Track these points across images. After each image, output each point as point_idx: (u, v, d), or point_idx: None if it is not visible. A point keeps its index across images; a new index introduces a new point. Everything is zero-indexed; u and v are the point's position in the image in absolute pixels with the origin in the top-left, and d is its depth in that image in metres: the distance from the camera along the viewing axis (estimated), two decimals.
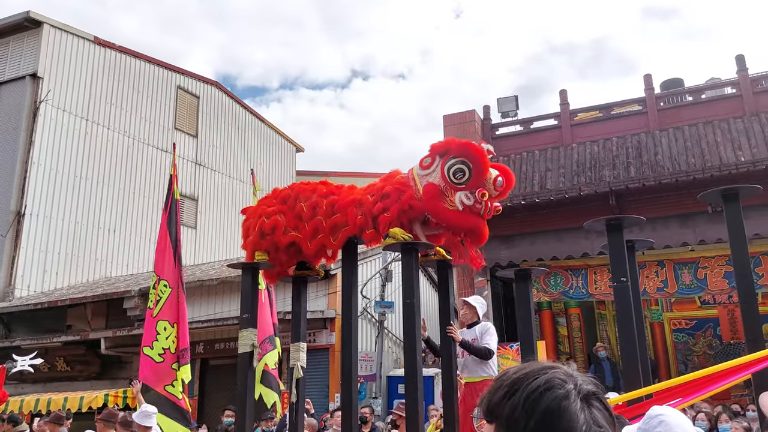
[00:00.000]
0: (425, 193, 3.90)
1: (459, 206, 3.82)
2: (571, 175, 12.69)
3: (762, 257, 11.00)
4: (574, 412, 0.92)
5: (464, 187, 3.83)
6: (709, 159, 11.71)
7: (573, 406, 0.93)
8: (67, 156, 18.63)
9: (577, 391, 0.96)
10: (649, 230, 10.17)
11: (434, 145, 4.06)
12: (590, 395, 0.97)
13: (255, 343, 4.88)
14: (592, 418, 0.93)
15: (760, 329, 3.65)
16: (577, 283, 12.24)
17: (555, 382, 0.95)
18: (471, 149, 3.89)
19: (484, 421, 1.01)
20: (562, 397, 0.93)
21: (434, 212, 3.88)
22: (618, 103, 13.51)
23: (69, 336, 15.07)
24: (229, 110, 24.27)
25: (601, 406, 0.97)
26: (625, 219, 3.84)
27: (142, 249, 20.23)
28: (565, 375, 0.98)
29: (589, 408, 0.95)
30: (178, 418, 6.83)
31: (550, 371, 0.98)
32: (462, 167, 3.85)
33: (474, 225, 3.86)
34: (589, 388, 0.98)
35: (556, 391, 0.94)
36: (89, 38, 19.78)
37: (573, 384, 0.96)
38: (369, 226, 4.14)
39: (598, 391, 0.99)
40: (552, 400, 0.93)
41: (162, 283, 7.25)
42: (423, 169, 4.02)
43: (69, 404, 12.32)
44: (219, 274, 14.51)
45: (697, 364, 13.04)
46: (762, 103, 12.20)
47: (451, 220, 3.86)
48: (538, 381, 0.95)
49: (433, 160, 4.00)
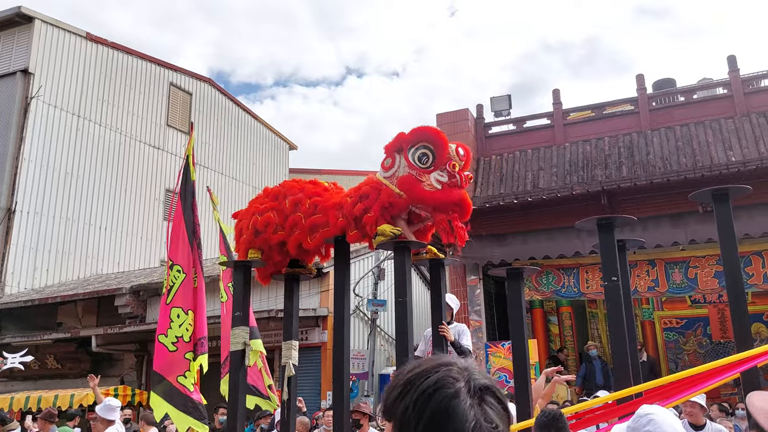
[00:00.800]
0: (402, 185, 3.95)
1: (437, 185, 3.91)
2: (563, 174, 12.73)
3: (752, 257, 11.08)
4: (463, 410, 0.93)
5: (434, 168, 3.92)
6: (700, 159, 11.78)
7: (462, 404, 0.93)
8: (59, 152, 18.53)
9: (469, 388, 0.96)
10: (640, 230, 10.23)
11: (387, 146, 4.16)
12: (483, 390, 0.97)
13: (247, 341, 4.87)
14: (483, 415, 0.94)
15: (749, 329, 3.67)
16: (569, 282, 12.29)
17: (445, 381, 0.95)
18: (425, 132, 4.00)
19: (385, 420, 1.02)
20: (452, 396, 0.94)
21: (419, 199, 3.93)
22: (610, 102, 13.56)
23: (59, 333, 15.01)
24: (222, 107, 24.21)
25: (494, 401, 0.97)
26: (616, 219, 3.85)
27: (133, 246, 20.16)
28: (457, 372, 0.98)
29: (481, 404, 0.95)
30: (190, 410, 6.54)
31: (443, 369, 0.98)
32: (424, 151, 3.95)
33: (459, 197, 3.94)
34: (483, 383, 0.98)
35: (446, 390, 0.94)
36: (81, 34, 19.67)
37: (465, 381, 0.97)
38: (351, 227, 4.16)
39: (492, 385, 0.99)
40: (441, 400, 0.94)
41: (175, 269, 6.83)
42: (387, 171, 4.09)
43: (59, 402, 12.27)
44: (211, 272, 14.47)
45: (688, 362, 13.13)
46: (753, 104, 12.27)
47: (438, 200, 3.93)
48: (429, 381, 0.96)
49: (393, 159, 4.08)
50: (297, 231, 4.44)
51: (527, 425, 3.49)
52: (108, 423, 6.19)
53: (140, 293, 14.89)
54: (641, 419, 2.21)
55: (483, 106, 14.13)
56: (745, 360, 3.02)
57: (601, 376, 11.60)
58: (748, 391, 3.33)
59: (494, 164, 13.51)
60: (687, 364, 12.64)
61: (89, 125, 19.45)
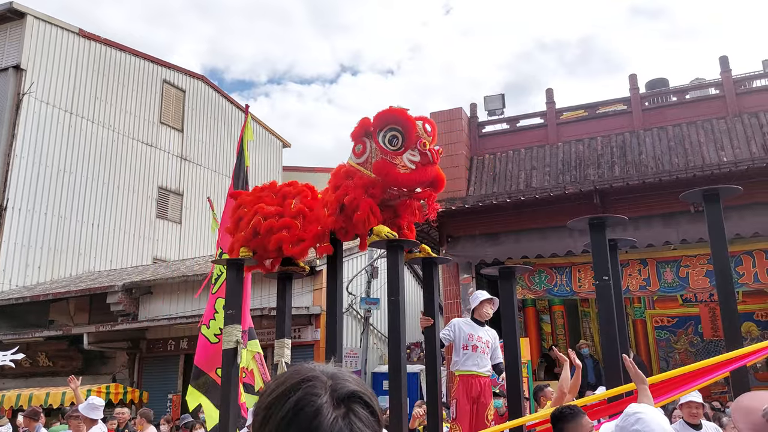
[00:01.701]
0: (377, 171, 3.99)
1: (411, 165, 3.97)
2: (556, 173, 12.76)
3: (743, 256, 11.14)
4: (326, 428, 0.91)
5: (405, 148, 3.98)
6: (692, 159, 11.83)
7: (325, 422, 0.91)
8: (51, 149, 18.44)
9: (333, 399, 0.94)
10: (632, 229, 10.26)
11: (353, 133, 4.22)
12: (350, 398, 0.95)
13: (240, 339, 4.87)
14: (348, 427, 0.92)
15: (739, 328, 3.70)
16: (561, 280, 12.32)
17: (306, 401, 0.93)
18: (392, 114, 4.06)
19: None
20: (313, 416, 0.91)
21: (396, 182, 3.97)
22: (603, 102, 13.60)
23: (51, 331, 14.95)
24: (215, 105, 24.14)
25: (362, 407, 0.95)
26: (608, 219, 3.88)
27: (126, 243, 20.10)
28: (321, 385, 0.95)
29: (347, 416, 0.93)
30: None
31: (304, 387, 0.95)
32: (394, 133, 4.02)
33: (433, 174, 4.00)
34: (348, 389, 0.96)
35: (306, 410, 0.92)
36: (74, 30, 19.57)
37: (329, 393, 0.94)
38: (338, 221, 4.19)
39: (359, 389, 0.96)
40: (302, 422, 0.92)
41: (224, 257, 6.82)
42: (359, 157, 4.14)
43: (51, 400, 12.24)
44: (204, 270, 14.45)
45: (679, 361, 13.20)
46: (745, 104, 12.34)
47: (415, 180, 3.99)
48: (288, 404, 0.93)
49: (364, 145, 4.12)
50: (291, 231, 4.48)
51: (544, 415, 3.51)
52: (92, 423, 6.14)
53: (132, 291, 14.85)
54: (629, 418, 2.23)
55: (477, 105, 14.14)
56: (734, 359, 3.05)
57: (593, 375, 11.65)
58: (738, 389, 3.36)
59: (487, 163, 13.54)
60: (678, 363, 12.71)
61: (82, 122, 19.36)
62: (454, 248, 12.47)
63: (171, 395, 14.11)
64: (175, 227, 21.82)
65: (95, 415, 6.18)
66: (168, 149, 21.93)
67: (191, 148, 22.83)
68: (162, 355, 14.77)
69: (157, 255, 20.83)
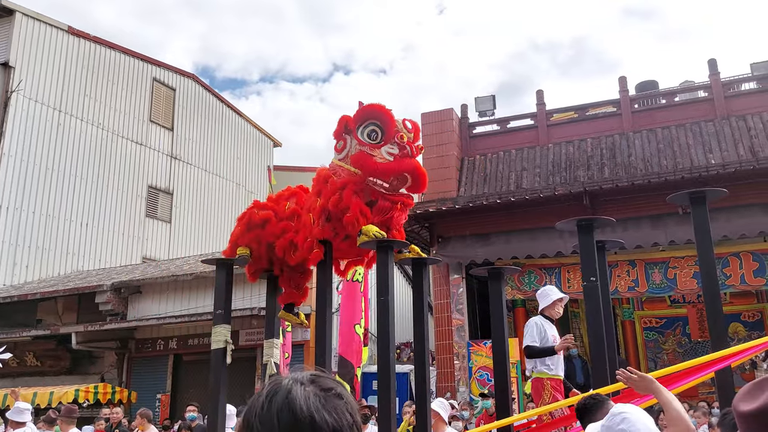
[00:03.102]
0: (355, 162, 4.05)
1: (389, 158, 4.04)
2: (546, 175, 12.83)
3: (730, 258, 11.25)
4: (301, 398, 0.99)
5: (384, 142, 4.04)
6: (681, 161, 11.93)
7: (298, 394, 1.00)
8: (39, 147, 18.30)
9: (296, 379, 1.03)
10: (621, 230, 10.33)
11: (335, 132, 4.27)
12: (311, 379, 1.04)
13: (228, 339, 4.86)
14: (318, 386, 1.02)
15: (725, 328, 3.74)
16: (550, 281, 12.36)
17: (278, 386, 1.03)
18: (371, 110, 4.13)
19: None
20: (286, 393, 1.00)
21: (373, 171, 4.02)
22: (593, 104, 13.68)
23: (39, 330, 14.84)
24: (205, 103, 24.05)
25: (324, 378, 1.05)
26: (596, 220, 3.91)
27: (115, 243, 19.98)
28: (284, 377, 1.04)
29: (311, 383, 1.04)
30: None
31: (272, 380, 1.04)
32: (373, 128, 4.07)
33: (411, 166, 4.03)
34: (308, 374, 1.05)
35: (280, 392, 1.01)
36: (63, 28, 19.44)
37: (291, 378, 1.04)
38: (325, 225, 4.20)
39: (318, 373, 1.06)
40: (279, 400, 1.00)
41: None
42: (340, 152, 4.18)
43: (38, 399, 12.15)
44: (193, 269, 14.39)
45: (667, 361, 13.29)
46: (733, 107, 12.45)
47: (391, 169, 4.02)
48: (263, 396, 1.03)
49: (344, 141, 4.18)
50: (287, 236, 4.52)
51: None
52: (17, 425, 6.46)
53: (121, 290, 14.76)
54: (615, 418, 2.25)
55: (467, 106, 14.19)
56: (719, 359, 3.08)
57: (582, 375, 11.71)
58: (722, 389, 3.40)
59: (478, 164, 13.58)
60: (666, 363, 12.80)
61: (71, 120, 19.24)
62: (444, 248, 12.50)
63: (160, 395, 14.05)
64: (165, 226, 21.72)
65: (22, 419, 6.55)
66: (158, 148, 21.83)
67: (181, 147, 22.73)
68: (151, 355, 14.70)
69: (147, 254, 20.73)
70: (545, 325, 5.78)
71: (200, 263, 13.30)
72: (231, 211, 23.96)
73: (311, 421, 0.97)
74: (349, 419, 1.00)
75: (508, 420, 3.87)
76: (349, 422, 1.00)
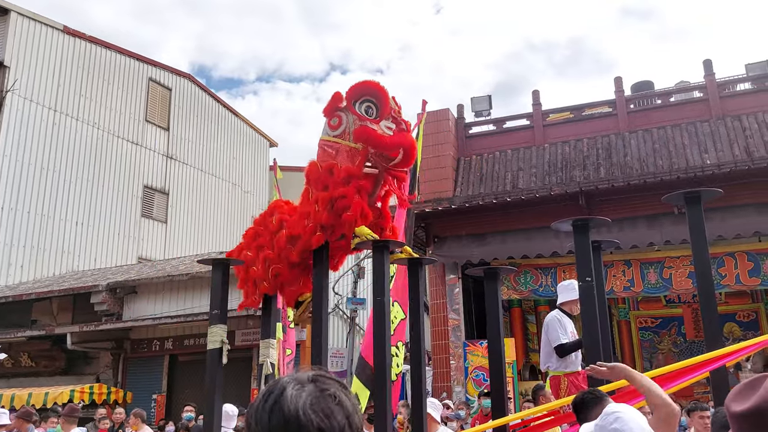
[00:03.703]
0: (359, 136, 4.04)
1: (389, 132, 4.05)
2: (542, 175, 12.84)
3: (725, 258, 11.27)
4: (290, 397, 1.01)
5: (380, 118, 4.07)
6: (676, 161, 11.96)
7: (289, 393, 1.02)
8: (34, 147, 18.25)
9: (294, 380, 1.05)
10: (616, 230, 10.35)
11: (327, 108, 4.25)
12: (311, 379, 1.05)
13: (224, 339, 4.85)
14: (316, 387, 1.04)
15: (719, 328, 3.75)
16: (546, 281, 12.39)
17: (274, 386, 1.05)
18: (366, 86, 4.15)
19: None
20: (281, 392, 1.03)
21: (379, 143, 4.02)
22: (589, 104, 13.70)
23: (34, 331, 14.80)
24: (201, 103, 24.01)
25: (324, 380, 1.06)
26: (591, 220, 3.91)
27: (110, 243, 19.93)
28: (286, 377, 1.06)
29: (309, 384, 1.05)
30: None
31: (272, 381, 1.08)
32: (368, 104, 4.10)
33: (410, 141, 4.10)
34: (310, 374, 1.06)
35: (275, 391, 1.04)
36: (58, 27, 19.39)
37: (291, 379, 1.05)
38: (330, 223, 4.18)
39: (319, 373, 1.07)
40: (274, 398, 1.03)
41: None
42: (335, 129, 4.17)
43: (33, 400, 12.11)
44: (189, 270, 14.37)
45: (662, 361, 13.32)
46: (728, 107, 12.48)
47: (397, 142, 4.03)
48: (261, 395, 1.06)
49: (339, 117, 4.15)
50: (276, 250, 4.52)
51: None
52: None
53: (117, 290, 14.73)
54: (608, 417, 2.26)
55: (464, 106, 14.20)
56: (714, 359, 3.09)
57: None
58: (717, 389, 3.40)
59: (474, 164, 13.59)
60: (661, 363, 12.82)
61: (66, 120, 19.18)
62: (440, 248, 12.50)
63: (155, 395, 14.02)
64: (161, 226, 21.67)
65: (2, 421, 6.87)
66: (154, 148, 21.79)
67: (177, 147, 22.69)
68: (146, 356, 14.67)
69: (142, 254, 20.68)
70: (564, 320, 5.72)
71: (196, 263, 13.30)
72: (227, 212, 23.94)
73: (296, 420, 0.98)
74: (341, 422, 1.00)
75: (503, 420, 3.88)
76: (340, 424, 0.99)
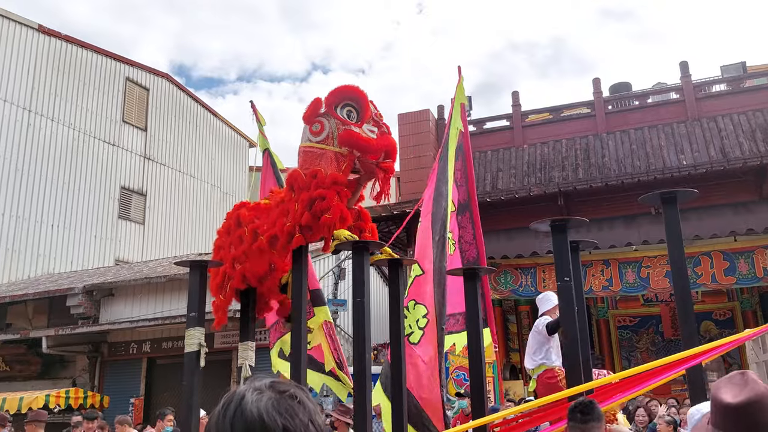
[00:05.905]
0: (344, 140, 4.07)
1: (372, 135, 4.13)
2: (521, 175, 12.92)
3: (701, 257, 11.43)
4: (251, 402, 1.00)
5: (362, 121, 4.13)
6: (654, 162, 12.10)
7: (249, 398, 1.00)
8: (8, 148, 17.94)
9: (253, 387, 1.03)
10: (595, 230, 10.45)
11: (306, 114, 4.27)
12: (268, 386, 1.04)
13: (202, 342, 4.79)
14: (273, 392, 1.02)
15: (695, 327, 3.79)
16: (526, 281, 12.46)
17: (233, 394, 1.03)
18: (346, 91, 4.19)
19: None
20: (240, 399, 1.01)
21: (365, 147, 4.07)
22: (568, 105, 13.83)
23: (8, 335, 14.54)
24: (180, 103, 23.77)
25: (280, 386, 1.04)
26: (569, 221, 3.93)
27: (86, 245, 19.64)
28: (243, 385, 1.05)
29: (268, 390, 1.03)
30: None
31: (230, 391, 1.05)
32: (349, 108, 4.16)
33: (392, 143, 4.20)
34: (267, 381, 1.05)
35: (235, 398, 1.02)
36: (33, 26, 19.08)
37: (248, 386, 1.04)
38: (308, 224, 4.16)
39: (275, 380, 1.05)
40: (233, 406, 1.01)
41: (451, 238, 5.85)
42: (317, 135, 4.18)
43: (7, 405, 11.88)
44: (167, 272, 14.22)
45: (641, 360, 13.47)
46: (704, 109, 12.67)
47: (382, 145, 4.11)
48: (221, 404, 1.03)
49: (321, 123, 4.18)
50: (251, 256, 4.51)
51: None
52: None
53: (93, 293, 14.52)
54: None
55: (444, 107, 14.22)
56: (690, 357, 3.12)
57: None
58: (693, 387, 3.44)
59: None
60: (640, 362, 12.97)
61: (41, 120, 18.88)
62: None
63: (133, 399, 13.85)
64: (138, 228, 21.42)
65: None
66: (131, 148, 21.53)
67: (155, 148, 22.44)
68: (124, 359, 14.49)
69: (119, 256, 20.42)
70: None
71: (174, 265, 13.14)
72: (205, 213, 23.72)
73: (261, 423, 0.96)
74: (303, 420, 1.00)
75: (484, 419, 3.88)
76: (303, 423, 0.99)
